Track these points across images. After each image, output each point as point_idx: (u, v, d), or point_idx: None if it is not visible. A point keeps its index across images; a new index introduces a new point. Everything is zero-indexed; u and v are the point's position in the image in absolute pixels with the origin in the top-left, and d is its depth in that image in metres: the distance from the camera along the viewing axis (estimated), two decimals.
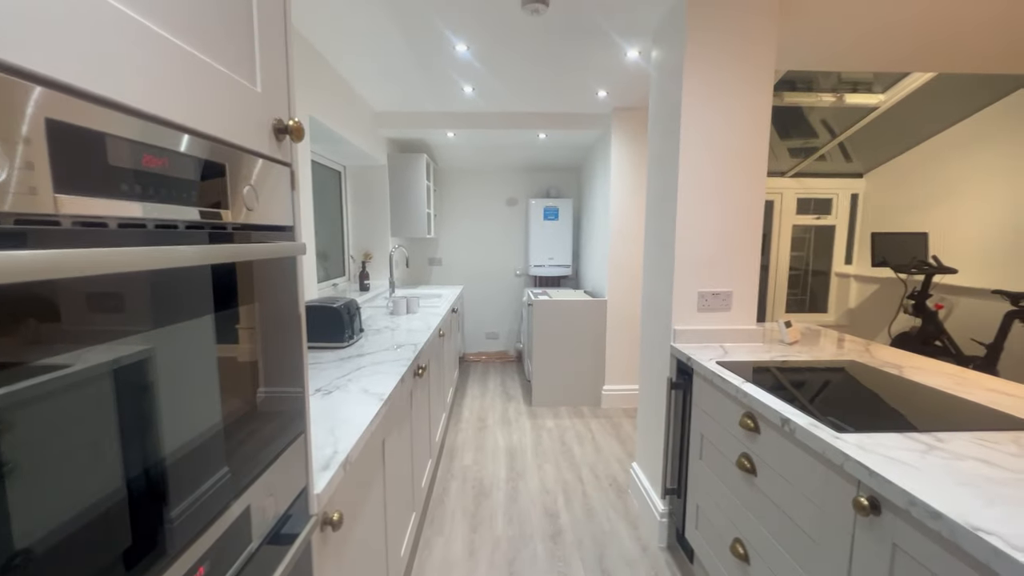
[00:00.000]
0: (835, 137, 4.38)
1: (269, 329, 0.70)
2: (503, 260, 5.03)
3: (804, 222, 5.02)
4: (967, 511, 0.74)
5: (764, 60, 1.75)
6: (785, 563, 1.18)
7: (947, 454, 0.93)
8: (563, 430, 3.17)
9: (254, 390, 0.66)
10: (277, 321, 0.72)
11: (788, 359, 1.64)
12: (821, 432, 1.04)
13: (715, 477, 1.56)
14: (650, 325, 2.12)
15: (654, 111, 2.06)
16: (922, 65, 2.52)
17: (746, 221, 1.82)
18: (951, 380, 1.40)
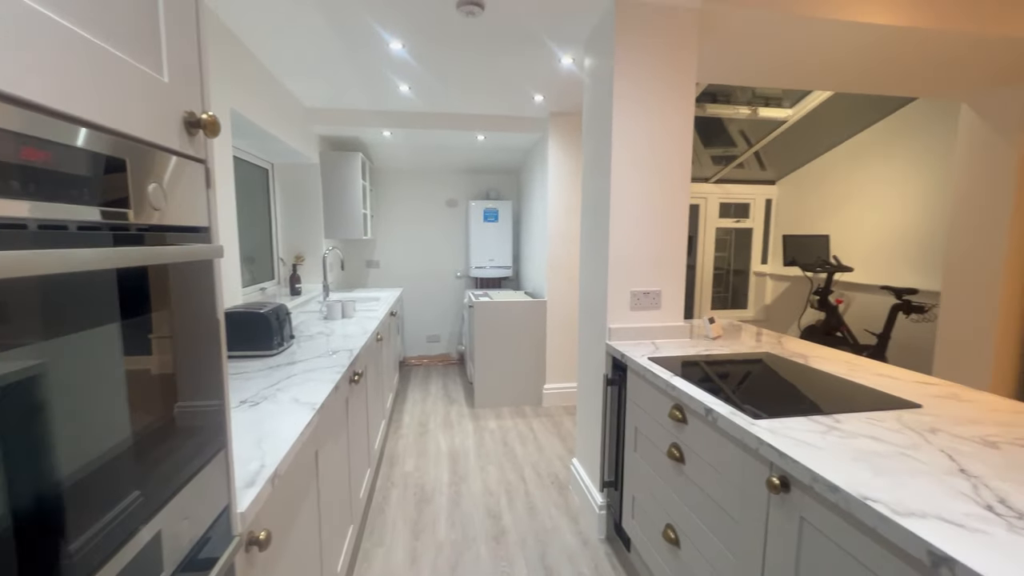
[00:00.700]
0: (751, 147, 4.75)
1: (185, 338, 0.64)
2: (443, 262, 4.98)
3: (726, 225, 5.40)
4: (859, 483, 0.83)
5: (686, 72, 1.86)
6: (711, 543, 1.26)
7: (843, 433, 1.04)
8: (505, 431, 3.19)
9: (170, 404, 0.61)
10: (193, 329, 0.67)
11: (712, 353, 1.76)
12: (739, 419, 1.12)
13: (649, 468, 1.63)
14: (587, 324, 2.19)
15: (588, 117, 2.13)
16: (820, 84, 2.80)
17: (673, 223, 1.93)
18: (847, 367, 1.56)
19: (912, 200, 3.78)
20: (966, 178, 2.92)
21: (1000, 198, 2.74)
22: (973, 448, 0.97)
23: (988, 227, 2.80)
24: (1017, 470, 0.88)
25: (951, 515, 0.74)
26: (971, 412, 1.17)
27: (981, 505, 0.76)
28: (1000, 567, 0.62)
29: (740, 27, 1.97)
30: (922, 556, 0.68)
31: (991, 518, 0.73)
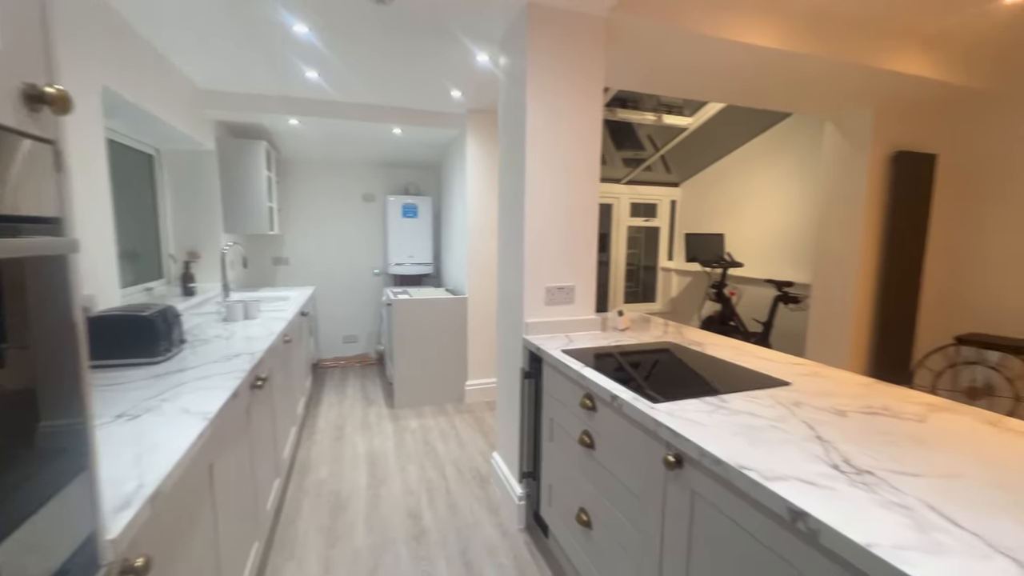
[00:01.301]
0: (658, 151, 5.10)
1: (36, 347, 0.56)
2: (360, 259, 4.78)
3: (636, 224, 5.75)
4: (737, 454, 0.93)
5: (595, 77, 1.95)
6: (618, 521, 1.34)
7: (728, 411, 1.16)
8: (427, 429, 3.14)
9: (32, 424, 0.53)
10: (44, 337, 0.58)
11: (620, 344, 1.87)
12: (641, 404, 1.21)
13: (563, 456, 1.70)
14: (505, 319, 2.22)
15: (503, 115, 2.15)
16: (713, 96, 3.08)
17: (584, 221, 2.02)
18: (734, 352, 1.74)
19: (790, 203, 4.28)
20: (829, 185, 3.37)
21: (855, 202, 3.19)
22: (828, 417, 1.12)
23: (847, 227, 3.25)
24: (859, 434, 1.03)
25: (807, 475, 0.85)
26: (828, 387, 1.35)
27: (830, 465, 0.89)
28: (840, 514, 0.73)
29: (642, 38, 2.10)
30: (783, 513, 0.78)
31: (837, 475, 0.85)
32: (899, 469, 0.87)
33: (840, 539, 0.69)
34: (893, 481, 0.83)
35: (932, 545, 0.66)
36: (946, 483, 0.83)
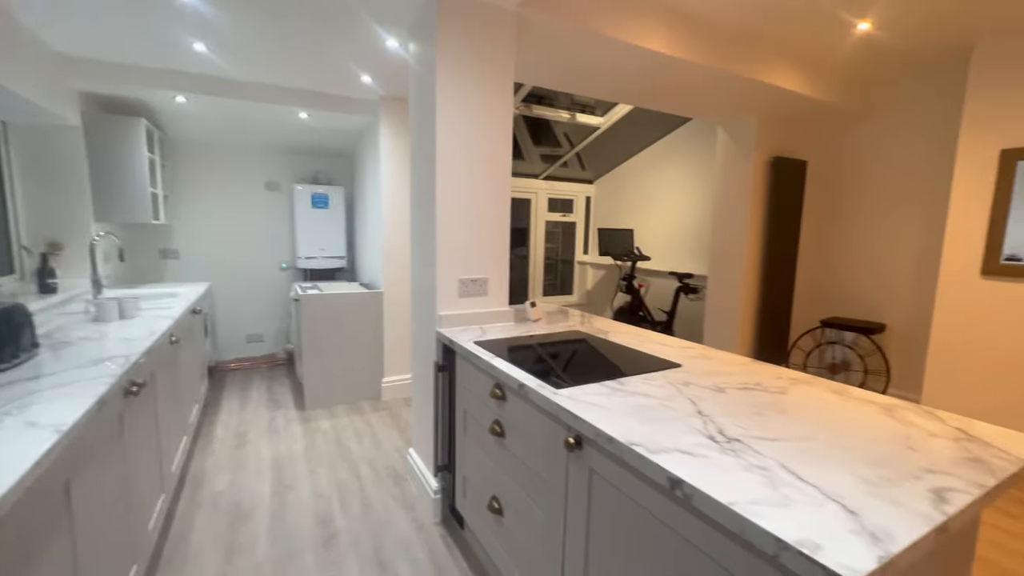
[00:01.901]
0: (573, 147, 5.28)
1: None
2: (265, 252, 4.44)
3: (554, 219, 5.92)
4: (628, 431, 0.99)
5: (506, 69, 1.97)
6: (526, 506, 1.38)
7: (624, 393, 1.23)
8: (340, 429, 3.01)
9: None
10: None
11: (532, 334, 1.92)
12: (546, 391, 1.25)
13: (477, 446, 1.71)
14: (419, 313, 2.18)
15: (414, 104, 2.10)
16: (621, 97, 3.24)
17: (497, 213, 2.04)
18: (636, 339, 1.86)
19: (691, 201, 4.64)
20: (721, 186, 3.70)
21: (742, 202, 3.54)
22: (709, 394, 1.24)
23: (735, 224, 3.60)
24: (733, 407, 1.15)
25: (686, 447, 0.93)
26: (713, 367, 1.49)
27: (706, 436, 0.98)
28: (710, 479, 0.81)
29: (551, 35, 2.15)
30: (664, 482, 0.85)
31: (712, 445, 0.94)
32: (762, 436, 0.99)
33: (708, 500, 0.77)
34: (756, 446, 0.94)
35: (781, 499, 0.76)
36: (798, 445, 0.95)
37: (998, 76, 2.53)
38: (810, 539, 0.66)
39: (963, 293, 2.69)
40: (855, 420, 1.09)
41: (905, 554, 0.64)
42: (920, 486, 0.80)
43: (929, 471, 0.86)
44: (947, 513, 0.72)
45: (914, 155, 3.28)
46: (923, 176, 3.24)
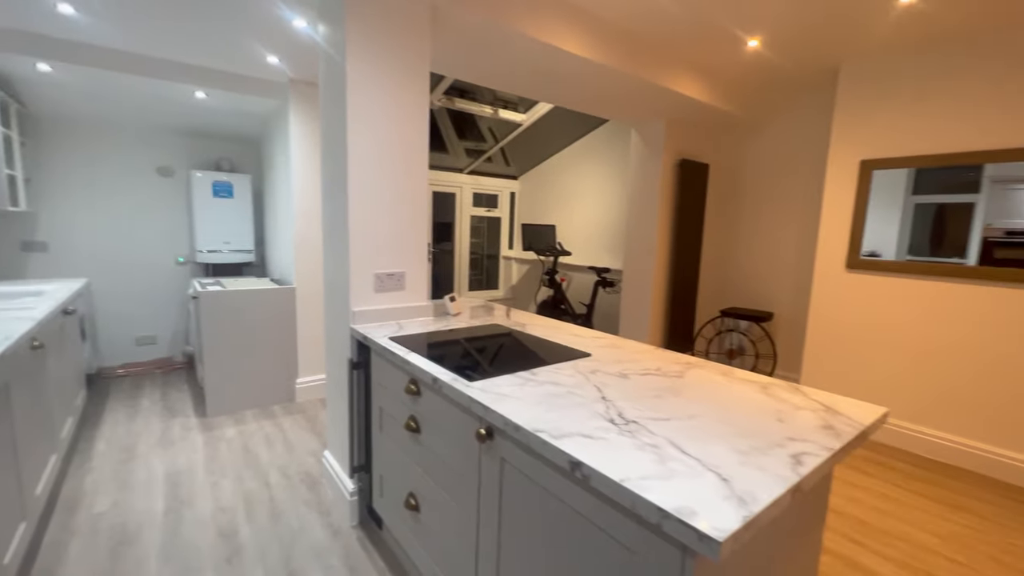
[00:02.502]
0: (498, 142, 5.31)
1: None
2: (157, 245, 4.00)
3: (479, 213, 5.93)
4: (535, 419, 1.03)
5: (421, 58, 1.93)
6: (442, 499, 1.38)
7: (535, 383, 1.27)
8: (248, 436, 2.80)
9: None
10: None
11: (450, 328, 1.91)
12: (458, 384, 1.25)
13: (393, 444, 1.68)
14: (332, 308, 2.09)
15: (324, 89, 1.99)
16: (540, 96, 3.31)
17: (413, 206, 2.00)
18: (551, 331, 1.92)
19: (609, 198, 4.87)
20: (634, 184, 3.91)
21: (652, 200, 3.77)
22: (614, 380, 1.31)
23: (647, 221, 3.83)
24: (634, 391, 1.23)
25: (588, 430, 0.98)
26: (620, 355, 1.58)
27: (607, 419, 1.04)
28: (606, 459, 0.86)
29: (467, 27, 2.14)
30: (566, 465, 0.89)
31: (611, 427, 1.00)
32: (656, 416, 1.07)
33: (603, 479, 0.81)
34: (650, 427, 1.01)
35: (667, 472, 0.82)
36: (687, 423, 1.04)
37: (859, 94, 2.92)
38: (688, 506, 0.72)
39: (832, 284, 3.09)
40: (737, 398, 1.21)
41: (765, 512, 0.73)
42: (783, 453, 0.91)
43: (791, 439, 0.98)
44: (801, 474, 0.83)
45: (797, 163, 3.69)
46: (804, 182, 3.66)
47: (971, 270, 2.58)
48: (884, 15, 2.33)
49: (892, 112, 2.79)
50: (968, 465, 2.61)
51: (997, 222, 2.51)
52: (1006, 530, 2.07)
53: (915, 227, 2.78)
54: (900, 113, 2.77)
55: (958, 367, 2.63)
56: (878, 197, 2.89)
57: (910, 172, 2.77)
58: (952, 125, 2.59)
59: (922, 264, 2.74)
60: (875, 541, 1.97)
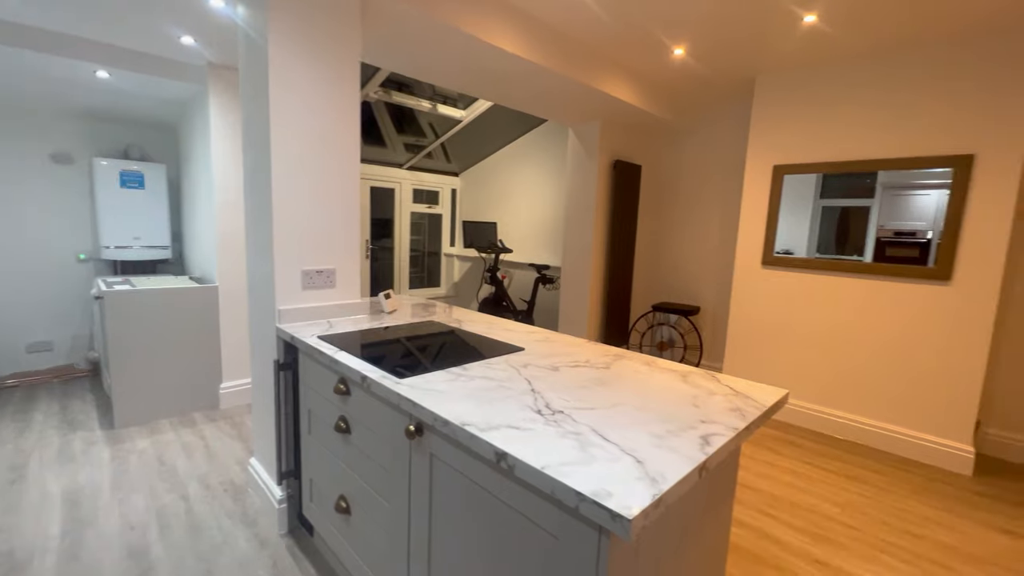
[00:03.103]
0: (438, 138, 5.24)
1: None
2: (53, 241, 3.59)
3: (420, 210, 5.83)
4: (464, 414, 1.03)
5: (351, 47, 1.86)
6: (372, 499, 1.35)
7: (467, 378, 1.27)
8: (163, 447, 2.59)
9: None
10: None
11: (385, 326, 1.87)
12: (387, 381, 1.23)
13: (322, 447, 1.62)
14: (257, 307, 1.98)
15: (245, 75, 1.88)
16: (478, 92, 3.30)
17: (344, 201, 1.93)
18: (486, 327, 1.93)
19: (548, 196, 4.95)
20: (572, 183, 4.01)
21: (589, 199, 3.88)
22: (544, 373, 1.34)
23: (583, 219, 3.94)
24: (563, 383, 1.26)
25: (516, 422, 1.00)
26: (553, 349, 1.62)
27: (535, 411, 1.06)
28: (531, 448, 0.88)
29: (400, 18, 2.10)
30: (492, 456, 0.90)
31: (539, 418, 1.03)
32: (582, 406, 1.11)
33: (526, 468, 0.83)
34: (575, 416, 1.05)
35: (587, 458, 0.86)
36: (609, 411, 1.08)
37: (772, 104, 3.17)
38: (604, 489, 0.76)
39: (750, 280, 3.33)
40: (658, 387, 1.28)
41: (673, 490, 0.78)
42: (694, 434, 0.98)
43: (703, 422, 1.05)
44: (708, 453, 0.89)
45: (720, 166, 3.95)
46: (726, 184, 3.92)
47: (867, 266, 2.88)
48: (791, 34, 2.55)
49: (801, 121, 3.06)
50: (865, 441, 2.91)
51: (888, 224, 2.83)
52: (894, 496, 2.34)
53: (823, 228, 3.07)
54: (807, 122, 3.03)
55: (856, 353, 2.94)
56: (792, 200, 3.15)
57: (819, 177, 3.05)
58: (851, 135, 2.88)
59: (827, 261, 3.02)
60: (784, 513, 2.16)
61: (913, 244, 2.74)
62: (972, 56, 2.48)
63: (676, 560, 1.01)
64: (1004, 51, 2.40)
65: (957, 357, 2.60)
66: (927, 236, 2.68)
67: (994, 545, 1.99)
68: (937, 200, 2.63)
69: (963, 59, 2.50)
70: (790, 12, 2.30)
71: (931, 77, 2.60)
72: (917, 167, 2.69)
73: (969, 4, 2.15)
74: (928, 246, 2.68)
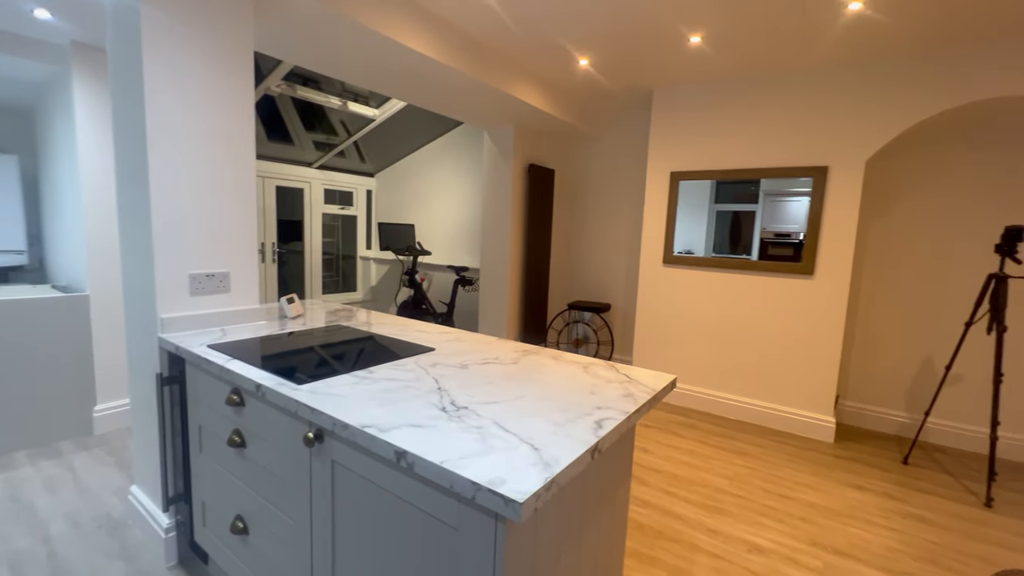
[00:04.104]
0: (351, 136, 5.05)
1: None
2: None
3: (332, 211, 5.57)
4: (365, 416, 1.01)
5: (240, 34, 1.74)
6: (272, 515, 1.27)
7: (371, 381, 1.25)
8: (17, 484, 2.23)
9: None
10: None
11: (286, 332, 1.77)
12: (285, 388, 1.16)
13: (215, 465, 1.49)
14: (135, 317, 1.77)
15: (115, 57, 1.68)
16: (390, 91, 3.24)
17: (239, 199, 1.80)
18: (397, 329, 1.90)
19: (466, 197, 4.96)
20: (488, 185, 4.07)
21: (505, 201, 3.96)
22: (453, 371, 1.35)
23: (500, 221, 4.00)
24: (470, 380, 1.28)
25: (419, 420, 1.00)
26: (463, 348, 1.63)
27: (440, 408, 1.07)
28: (431, 445, 0.88)
29: (295, 6, 2.00)
30: (392, 456, 0.89)
31: (442, 415, 1.03)
32: (486, 400, 1.13)
33: (425, 464, 0.84)
34: (479, 410, 1.07)
35: (486, 449, 0.88)
36: (512, 404, 1.12)
37: (668, 115, 3.45)
38: (499, 477, 0.78)
39: (653, 278, 3.59)
40: (561, 378, 1.34)
41: (565, 471, 0.83)
42: (590, 420, 1.04)
43: (599, 408, 1.12)
44: (600, 436, 0.96)
45: (626, 171, 4.21)
46: (632, 189, 4.19)
47: (754, 264, 3.23)
48: (682, 54, 2.79)
49: (693, 132, 3.36)
50: (751, 419, 3.26)
51: (770, 226, 3.19)
52: (772, 466, 2.65)
53: (718, 229, 3.39)
54: (699, 134, 3.34)
55: (744, 341, 3.28)
56: (691, 204, 3.44)
57: (713, 184, 3.37)
58: (735, 146, 3.21)
59: (721, 259, 3.34)
60: (683, 490, 2.35)
61: (788, 244, 3.12)
62: (824, 83, 2.88)
63: (576, 541, 1.06)
64: (848, 81, 2.82)
65: (820, 341, 3.00)
66: (799, 237, 3.07)
67: (849, 500, 2.33)
68: (806, 205, 3.03)
69: (817, 85, 2.91)
70: (679, 32, 2.52)
71: (794, 99, 2.98)
72: (788, 176, 3.07)
73: (817, 42, 2.50)
74: (800, 246, 3.07)
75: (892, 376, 3.15)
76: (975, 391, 2.89)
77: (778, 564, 1.85)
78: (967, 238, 2.88)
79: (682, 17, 2.34)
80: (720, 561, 1.85)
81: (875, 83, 2.75)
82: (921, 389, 3.06)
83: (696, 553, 1.89)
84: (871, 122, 2.77)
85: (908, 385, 3.11)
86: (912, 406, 3.10)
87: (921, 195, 3.00)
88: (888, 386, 3.17)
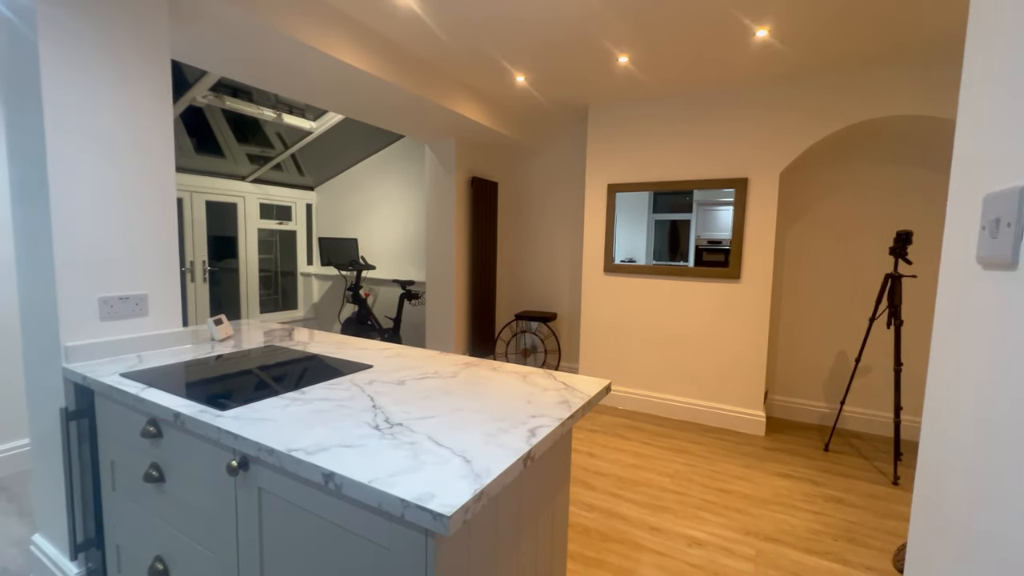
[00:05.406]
0: (288, 148, 4.87)
1: None
2: None
3: (269, 226, 5.34)
4: (292, 439, 0.97)
5: (155, 41, 1.66)
6: (196, 553, 1.19)
7: (303, 402, 1.20)
8: None
9: None
10: None
11: (212, 355, 1.67)
12: (206, 416, 1.10)
13: (131, 503, 1.38)
14: (34, 346, 1.62)
15: (7, 65, 1.55)
16: (325, 104, 3.17)
17: (158, 217, 1.69)
18: (335, 347, 1.84)
19: (409, 211, 4.92)
20: (431, 198, 4.05)
21: (448, 214, 3.96)
22: (389, 388, 1.33)
23: (445, 234, 4.00)
24: (407, 396, 1.27)
25: (351, 440, 0.98)
26: (402, 363, 1.61)
27: (373, 427, 1.05)
28: (360, 464, 0.87)
29: (215, 14, 1.93)
30: (320, 479, 0.87)
31: (375, 433, 1.02)
32: (422, 416, 1.12)
33: (353, 484, 0.82)
34: (414, 426, 1.06)
35: (418, 465, 0.87)
36: (448, 418, 1.12)
37: (603, 130, 3.60)
38: (429, 492, 0.78)
39: (595, 286, 3.71)
40: (499, 389, 1.35)
41: (495, 483, 0.84)
42: (524, 429, 1.06)
43: (533, 416, 1.14)
44: (532, 443, 0.98)
45: (567, 184, 4.34)
46: (572, 200, 4.32)
47: (690, 270, 3.40)
48: (612, 72, 2.94)
49: (628, 146, 3.52)
50: (691, 418, 3.42)
51: (703, 234, 3.39)
52: (710, 461, 2.78)
53: (657, 238, 3.56)
54: (633, 148, 3.50)
55: (682, 344, 3.44)
56: (631, 214, 3.59)
57: (651, 195, 3.53)
58: (667, 159, 3.40)
59: (658, 267, 3.50)
60: (628, 491, 2.42)
61: (720, 251, 3.32)
62: (741, 102, 3.13)
63: (514, 549, 1.07)
64: (760, 100, 3.07)
65: (748, 341, 3.21)
66: (729, 244, 3.28)
67: (778, 488, 2.49)
68: (733, 214, 3.25)
69: (736, 103, 3.14)
70: (608, 51, 2.65)
71: (717, 115, 3.21)
72: (714, 187, 3.28)
73: (732, 67, 2.71)
74: (729, 252, 3.27)
75: (812, 370, 3.42)
76: (881, 380, 3.19)
77: (715, 555, 1.94)
78: (869, 242, 3.19)
79: (608, 35, 2.46)
80: (663, 558, 1.92)
81: (783, 103, 3.01)
82: (837, 381, 3.34)
83: (640, 552, 1.95)
84: (782, 137, 3.02)
85: (826, 377, 3.38)
86: (830, 397, 3.37)
87: (830, 203, 3.31)
88: (809, 379, 3.43)
